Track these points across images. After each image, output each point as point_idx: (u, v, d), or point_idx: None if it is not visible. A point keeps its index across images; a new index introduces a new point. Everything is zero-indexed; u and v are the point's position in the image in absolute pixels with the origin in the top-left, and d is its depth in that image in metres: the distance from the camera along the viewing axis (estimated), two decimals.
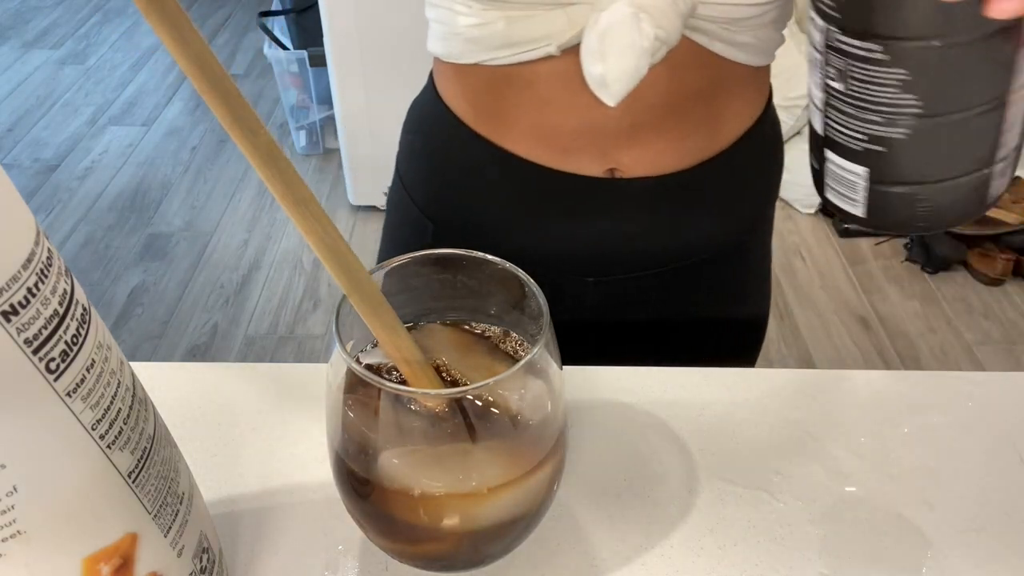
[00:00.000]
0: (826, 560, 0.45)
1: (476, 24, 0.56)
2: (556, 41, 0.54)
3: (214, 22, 3.48)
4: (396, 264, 0.38)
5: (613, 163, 0.61)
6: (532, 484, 0.36)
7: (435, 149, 0.68)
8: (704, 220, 0.66)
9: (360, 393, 0.35)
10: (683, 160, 0.62)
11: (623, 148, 0.60)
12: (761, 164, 0.68)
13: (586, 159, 0.61)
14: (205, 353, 1.87)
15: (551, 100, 0.58)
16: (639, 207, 0.63)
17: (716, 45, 0.56)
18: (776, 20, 0.58)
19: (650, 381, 0.56)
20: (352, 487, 0.36)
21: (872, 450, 0.51)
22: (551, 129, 0.60)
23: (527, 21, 0.54)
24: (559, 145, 0.60)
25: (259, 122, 0.27)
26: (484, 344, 0.40)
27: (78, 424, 0.28)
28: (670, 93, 0.57)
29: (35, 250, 0.26)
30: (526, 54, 0.55)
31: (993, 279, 2.03)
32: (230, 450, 0.50)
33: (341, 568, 0.44)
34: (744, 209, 0.69)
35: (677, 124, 0.60)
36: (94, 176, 2.48)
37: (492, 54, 0.57)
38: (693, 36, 0.54)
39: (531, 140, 0.61)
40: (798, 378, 0.57)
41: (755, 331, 0.78)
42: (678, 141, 0.61)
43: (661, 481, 0.49)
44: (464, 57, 0.59)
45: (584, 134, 0.59)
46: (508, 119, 0.61)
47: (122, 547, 0.31)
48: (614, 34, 0.49)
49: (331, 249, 0.31)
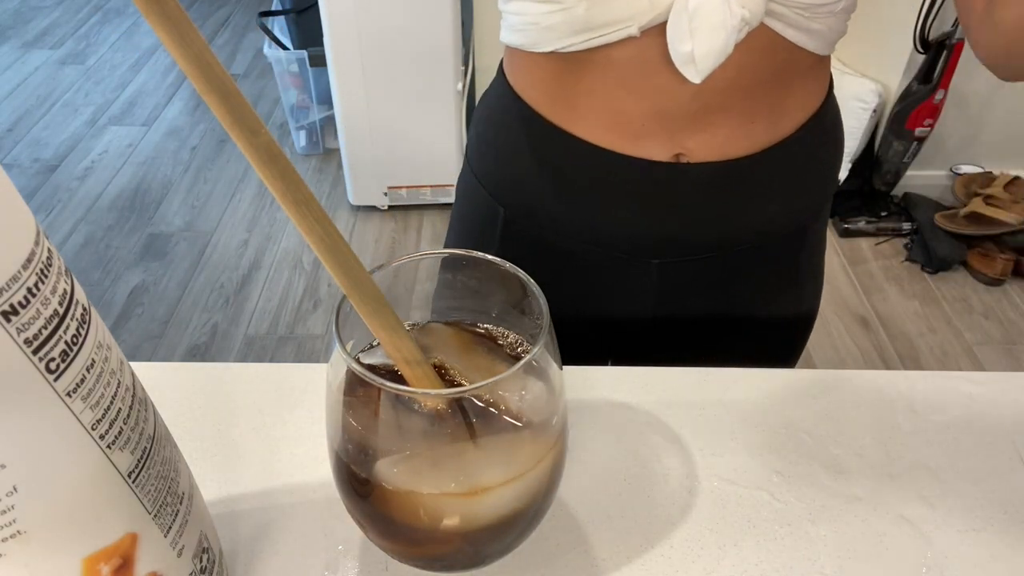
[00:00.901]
0: (826, 560, 0.45)
1: (556, 10, 0.57)
2: (638, 22, 0.55)
3: (214, 22, 3.48)
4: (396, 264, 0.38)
5: (680, 148, 0.62)
6: (532, 484, 0.35)
7: (506, 139, 0.70)
8: (767, 205, 0.67)
9: (360, 393, 0.35)
10: (748, 146, 0.63)
11: (690, 133, 0.61)
12: (823, 152, 0.69)
13: (654, 144, 0.62)
14: (205, 353, 1.87)
15: (624, 84, 0.59)
16: (704, 191, 0.64)
17: (789, 32, 0.57)
18: (847, 8, 0.59)
19: (650, 381, 0.56)
20: (352, 487, 0.36)
21: (872, 450, 0.51)
22: (622, 114, 0.61)
23: (609, 4, 0.55)
24: (629, 130, 0.62)
25: (259, 122, 0.27)
26: (484, 344, 0.40)
27: (78, 424, 0.28)
28: (740, 78, 0.58)
29: (35, 250, 0.26)
30: (606, 37, 0.56)
31: (993, 279, 2.03)
32: (230, 450, 0.50)
33: (341, 568, 0.44)
34: (806, 196, 0.70)
35: (744, 110, 0.61)
36: (94, 176, 2.48)
37: (571, 39, 0.58)
38: (768, 21, 0.55)
39: (601, 126, 0.62)
40: (798, 378, 0.57)
41: (802, 329, 0.79)
42: (743, 127, 0.62)
43: (661, 481, 0.49)
44: (540, 45, 0.60)
45: (653, 118, 0.61)
46: (580, 105, 0.62)
47: (122, 547, 0.31)
48: (704, 12, 0.50)
49: (331, 249, 0.31)
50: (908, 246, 2.16)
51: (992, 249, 2.05)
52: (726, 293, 0.71)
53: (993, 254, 2.04)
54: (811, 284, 0.77)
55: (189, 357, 1.86)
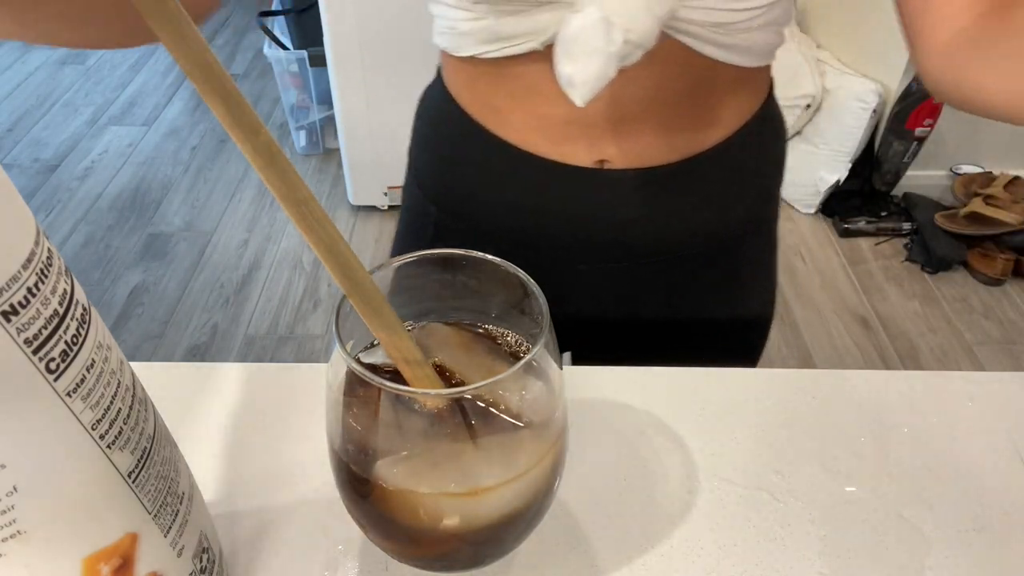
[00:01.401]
0: (826, 560, 0.45)
1: (468, 18, 0.58)
2: (541, 38, 0.55)
3: (214, 22, 3.48)
4: (396, 264, 0.38)
5: (601, 154, 0.62)
6: (532, 484, 0.35)
7: (441, 137, 0.70)
8: (693, 214, 0.66)
9: (360, 393, 0.35)
10: (670, 154, 0.63)
11: (610, 140, 0.61)
12: (756, 163, 0.69)
13: (577, 149, 0.62)
14: (205, 353, 1.87)
15: (541, 91, 0.59)
16: (628, 197, 0.64)
17: (706, 48, 0.56)
18: (770, 23, 0.58)
19: (650, 381, 0.56)
20: (352, 487, 0.36)
21: (872, 450, 0.51)
22: (543, 119, 0.61)
23: (515, 17, 0.55)
24: (551, 135, 0.62)
25: (259, 122, 0.27)
26: (484, 344, 0.40)
27: (78, 424, 0.28)
28: (657, 89, 0.58)
29: (35, 250, 0.26)
30: (514, 48, 0.57)
31: (993, 279, 2.04)
32: (230, 450, 0.50)
33: (341, 568, 0.44)
34: (738, 206, 0.69)
35: (663, 120, 0.61)
36: (94, 176, 2.48)
37: (484, 47, 0.59)
38: (679, 38, 0.55)
39: (526, 130, 0.63)
40: (798, 378, 0.57)
41: (756, 331, 0.78)
42: (665, 135, 0.61)
43: (661, 481, 0.49)
44: (461, 50, 0.61)
45: (573, 124, 0.61)
46: (504, 109, 0.63)
47: (122, 547, 0.31)
48: (582, 38, 0.49)
49: (331, 249, 0.31)
50: (908, 246, 2.16)
51: (992, 249, 2.05)
52: (667, 298, 0.71)
53: (993, 254, 2.04)
54: (759, 288, 0.76)
55: (189, 357, 1.86)
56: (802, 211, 2.29)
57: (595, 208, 0.65)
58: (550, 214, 0.66)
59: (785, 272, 2.09)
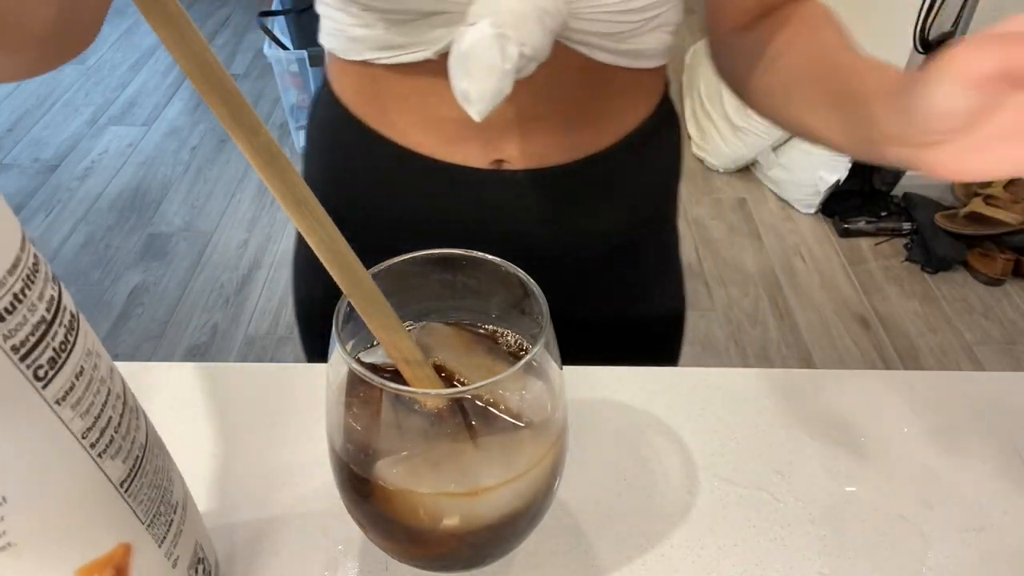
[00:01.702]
0: (826, 560, 0.45)
1: (358, 24, 0.57)
2: (433, 47, 0.54)
3: (214, 22, 3.48)
4: (396, 264, 0.38)
5: (499, 154, 0.61)
6: (532, 484, 0.35)
7: (331, 142, 0.68)
8: (592, 213, 0.66)
9: (360, 393, 0.35)
10: (567, 153, 0.62)
11: (507, 140, 0.61)
12: (654, 161, 0.68)
13: (471, 149, 0.61)
14: (205, 353, 1.87)
15: (434, 93, 0.58)
16: (525, 198, 0.63)
17: (598, 54, 0.56)
18: (660, 26, 0.58)
19: (650, 381, 0.56)
20: (352, 487, 0.36)
21: (872, 450, 0.51)
22: (436, 120, 0.60)
23: (406, 26, 0.54)
24: (445, 137, 0.61)
25: (259, 122, 0.27)
26: (484, 343, 0.40)
27: (68, 432, 0.28)
28: (554, 91, 0.58)
29: (20, 256, 0.26)
30: (406, 56, 0.56)
31: (993, 279, 2.04)
32: (230, 450, 0.50)
33: (341, 568, 0.44)
34: (637, 204, 0.69)
35: (560, 119, 0.60)
36: (94, 176, 2.48)
37: (376, 54, 0.57)
38: (573, 47, 0.55)
39: (417, 131, 0.62)
40: (798, 378, 0.57)
41: (668, 328, 0.78)
42: (561, 135, 0.61)
43: (661, 481, 0.49)
44: (350, 54, 0.60)
45: (467, 126, 0.59)
46: (394, 111, 0.62)
47: (115, 558, 0.31)
48: (477, 54, 0.48)
49: (331, 250, 0.31)
50: (908, 246, 2.16)
51: (992, 249, 2.05)
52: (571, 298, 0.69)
53: (993, 254, 2.04)
54: (665, 284, 0.76)
55: (189, 357, 1.86)
56: (802, 211, 2.29)
57: (493, 210, 0.64)
58: (447, 217, 0.64)
59: (785, 272, 2.09)
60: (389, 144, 0.63)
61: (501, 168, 0.62)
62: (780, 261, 2.13)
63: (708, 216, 2.30)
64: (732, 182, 2.43)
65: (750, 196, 2.37)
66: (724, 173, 2.46)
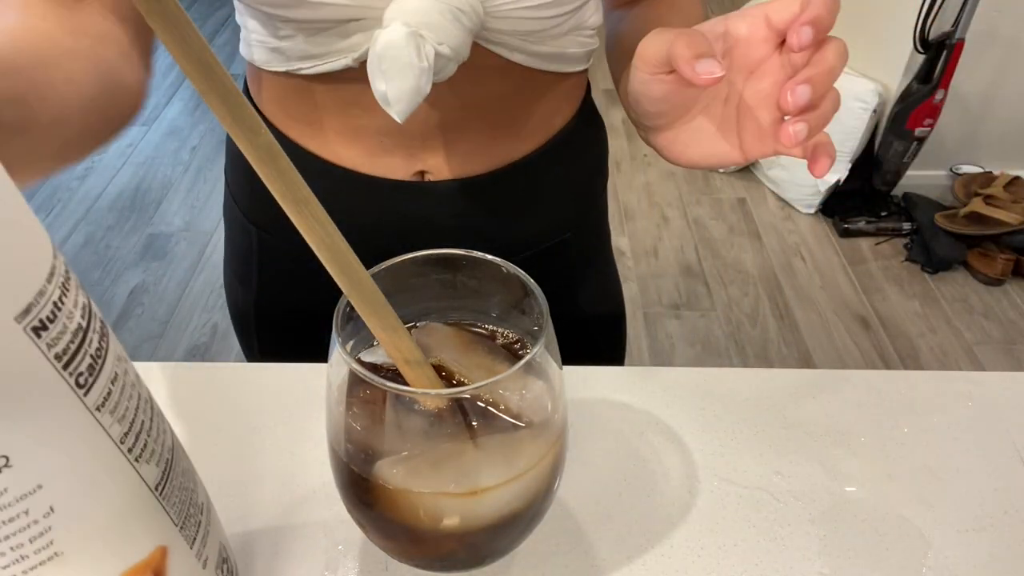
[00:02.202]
0: (826, 560, 0.45)
1: (279, 36, 0.56)
2: (353, 54, 0.54)
3: (214, 22, 3.48)
4: (396, 264, 0.38)
5: (421, 165, 0.61)
6: (532, 484, 0.35)
7: None
8: (517, 221, 0.66)
9: (360, 393, 0.35)
10: (490, 162, 0.62)
11: (430, 150, 0.60)
12: (577, 164, 0.68)
13: (393, 161, 0.61)
14: (205, 353, 1.87)
15: (356, 103, 0.58)
16: (449, 209, 0.63)
17: (516, 56, 0.56)
18: (577, 28, 0.58)
19: (650, 381, 0.56)
20: (352, 487, 0.36)
21: (872, 450, 0.51)
22: (358, 131, 0.60)
23: (323, 34, 0.54)
24: (366, 147, 0.60)
25: (259, 122, 0.27)
26: (484, 343, 0.40)
27: (108, 438, 0.28)
28: (474, 97, 0.58)
29: (54, 263, 0.26)
30: (327, 65, 0.55)
31: (993, 279, 2.03)
32: (230, 450, 0.50)
33: (341, 568, 0.44)
34: (562, 209, 0.69)
35: (483, 128, 0.60)
36: (94, 176, 2.48)
37: (297, 64, 0.57)
38: (491, 48, 0.55)
39: (339, 143, 0.61)
40: (798, 378, 0.57)
41: (608, 329, 0.78)
42: (484, 143, 0.61)
43: (661, 481, 0.49)
44: (270, 65, 0.59)
45: (391, 135, 0.59)
46: (316, 123, 0.61)
47: (154, 561, 0.31)
48: (393, 53, 0.48)
49: (331, 249, 0.31)
50: (908, 246, 2.16)
51: (992, 249, 2.05)
52: None
53: (993, 254, 2.04)
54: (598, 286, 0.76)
55: (189, 357, 1.86)
56: (802, 211, 2.29)
57: (416, 221, 0.63)
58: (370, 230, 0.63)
59: (785, 272, 2.09)
60: (311, 157, 0.62)
61: (424, 179, 0.62)
62: (780, 261, 2.13)
63: (708, 216, 2.30)
64: (732, 182, 2.43)
65: (750, 196, 2.37)
66: (724, 173, 2.46)
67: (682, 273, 2.09)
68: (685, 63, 0.38)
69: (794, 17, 0.38)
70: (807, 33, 0.37)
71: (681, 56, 0.38)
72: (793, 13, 0.38)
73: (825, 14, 0.37)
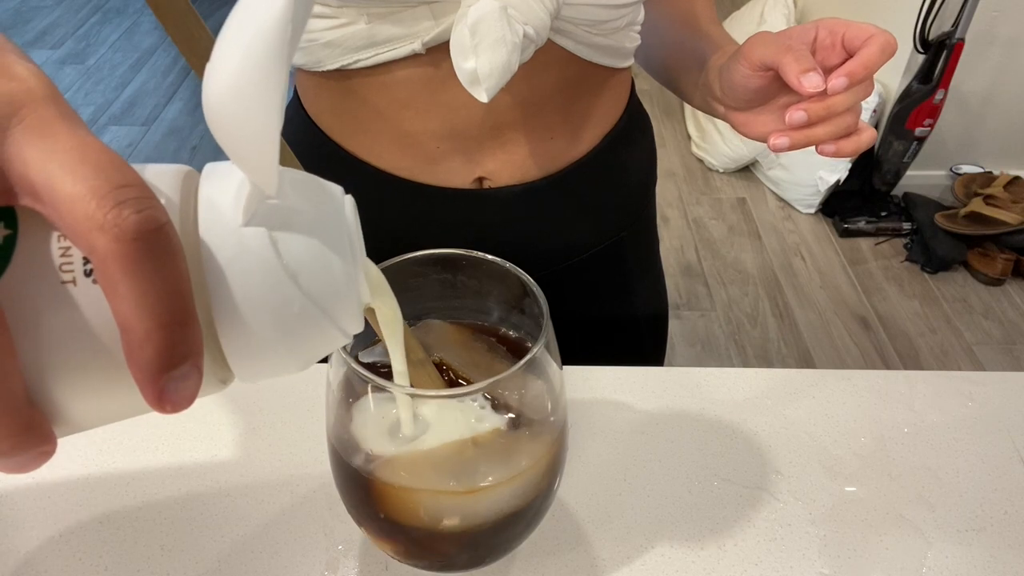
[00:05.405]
0: (826, 560, 0.45)
1: (336, 26, 0.55)
2: (421, 38, 0.53)
3: (214, 22, 3.46)
4: (396, 264, 0.38)
5: (480, 171, 0.61)
6: (532, 483, 0.35)
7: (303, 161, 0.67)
8: (574, 225, 0.66)
9: (360, 392, 0.35)
10: (548, 165, 0.62)
11: (488, 154, 0.60)
12: (628, 165, 0.69)
13: (452, 168, 0.60)
14: None
15: (413, 104, 0.57)
16: (508, 217, 0.63)
17: (579, 48, 0.57)
18: (630, 24, 0.60)
19: (650, 381, 0.56)
20: (352, 486, 0.36)
21: (872, 450, 0.51)
22: (414, 137, 0.59)
23: (390, 18, 0.53)
24: (424, 155, 0.60)
25: None
26: (484, 342, 0.40)
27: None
28: (533, 94, 0.58)
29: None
30: (390, 53, 0.54)
31: (993, 279, 2.03)
32: (230, 450, 0.50)
33: (341, 568, 0.44)
34: (617, 209, 0.69)
35: (540, 126, 0.60)
36: None
37: (354, 56, 0.55)
38: (556, 39, 0.55)
39: (395, 151, 0.60)
40: (798, 378, 0.57)
41: (653, 328, 0.78)
42: (542, 144, 0.61)
43: (661, 481, 0.49)
44: (324, 63, 0.57)
45: (447, 139, 0.59)
46: (371, 130, 0.60)
47: None
48: (485, 28, 0.48)
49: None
50: (908, 246, 2.16)
51: (992, 249, 2.05)
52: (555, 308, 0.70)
53: (993, 254, 2.04)
54: (647, 285, 0.76)
55: None
56: (802, 211, 2.29)
57: (476, 230, 0.63)
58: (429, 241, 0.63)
59: (785, 272, 2.09)
60: (367, 168, 0.62)
61: (483, 187, 0.62)
62: (780, 261, 2.13)
63: (708, 216, 2.30)
64: (732, 182, 2.43)
65: (750, 196, 2.37)
66: (724, 173, 2.46)
67: (682, 273, 2.09)
68: (794, 76, 0.47)
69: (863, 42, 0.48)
70: (841, 83, 0.47)
71: (792, 70, 0.47)
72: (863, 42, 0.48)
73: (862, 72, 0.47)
